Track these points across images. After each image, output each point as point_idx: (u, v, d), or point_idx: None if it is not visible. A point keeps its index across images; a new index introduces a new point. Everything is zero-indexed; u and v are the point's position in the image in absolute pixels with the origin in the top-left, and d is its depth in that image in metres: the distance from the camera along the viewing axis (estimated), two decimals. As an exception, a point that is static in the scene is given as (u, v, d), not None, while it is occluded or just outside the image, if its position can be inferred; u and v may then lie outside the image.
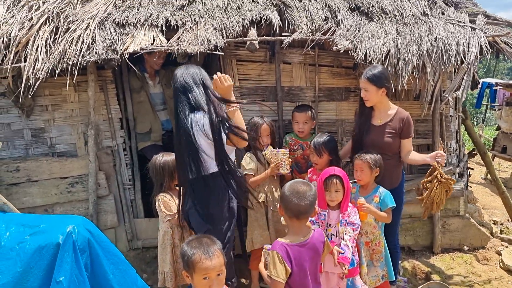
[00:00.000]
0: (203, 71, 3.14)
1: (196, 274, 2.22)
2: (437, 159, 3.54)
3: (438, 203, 3.65)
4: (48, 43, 3.88)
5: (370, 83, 3.55)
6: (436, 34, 4.06)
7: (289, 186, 2.68)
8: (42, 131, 4.29)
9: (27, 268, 2.58)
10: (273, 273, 2.55)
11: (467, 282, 4.24)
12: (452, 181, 3.59)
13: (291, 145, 4.24)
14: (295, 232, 2.67)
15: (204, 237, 2.35)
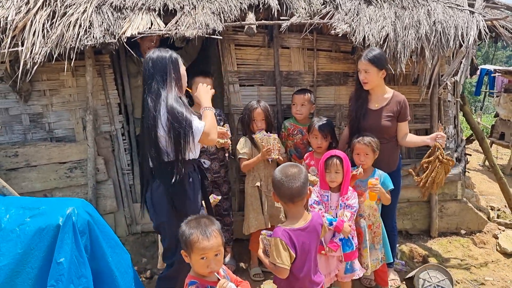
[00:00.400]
0: (174, 58, 3.02)
1: (194, 254, 2.24)
2: (437, 140, 3.55)
3: (439, 183, 3.67)
4: (45, 27, 3.85)
5: (371, 65, 3.54)
6: (435, 17, 4.05)
7: (279, 171, 2.68)
8: (40, 116, 4.28)
9: (27, 250, 2.62)
10: (277, 260, 2.54)
11: (464, 265, 4.28)
12: (452, 161, 3.62)
13: (289, 130, 4.24)
14: (294, 217, 2.67)
15: (203, 217, 2.38)
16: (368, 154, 3.51)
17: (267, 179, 3.98)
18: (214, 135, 2.97)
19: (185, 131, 2.81)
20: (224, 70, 4.42)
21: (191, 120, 2.84)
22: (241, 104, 4.45)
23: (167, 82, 2.92)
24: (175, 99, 2.88)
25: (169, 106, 2.84)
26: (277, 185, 2.65)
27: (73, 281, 2.59)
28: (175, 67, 2.99)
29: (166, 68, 2.94)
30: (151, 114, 2.85)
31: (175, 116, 2.81)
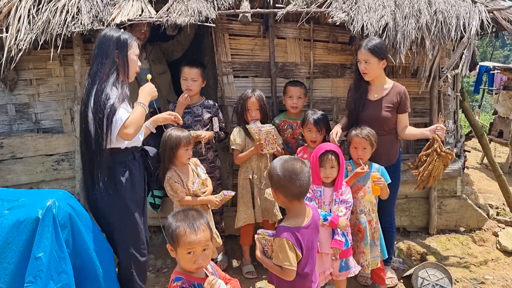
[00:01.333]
0: (123, 39, 2.85)
1: (180, 248, 2.09)
2: (436, 132, 3.43)
3: (435, 177, 3.55)
4: (31, 13, 3.73)
5: (372, 55, 3.41)
6: (436, 6, 3.91)
7: (281, 167, 2.38)
8: (26, 107, 4.16)
9: (4, 244, 2.49)
10: (285, 262, 2.35)
11: (463, 263, 4.15)
12: (451, 155, 3.49)
13: (279, 126, 4.11)
14: (298, 214, 2.46)
15: (191, 209, 2.22)
16: (366, 148, 3.39)
17: (260, 172, 3.86)
18: (131, 130, 2.72)
19: (107, 118, 2.67)
20: (218, 60, 4.27)
21: (116, 108, 2.68)
22: (235, 95, 4.31)
23: (105, 65, 2.77)
24: (111, 84, 2.74)
25: (99, 90, 2.71)
26: (285, 183, 2.36)
27: (53, 277, 2.45)
28: (121, 49, 2.83)
29: (109, 50, 2.79)
30: (84, 97, 2.77)
31: (100, 100, 2.68)
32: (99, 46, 2.82)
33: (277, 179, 2.39)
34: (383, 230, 3.65)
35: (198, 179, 3.50)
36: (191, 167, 3.53)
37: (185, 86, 3.81)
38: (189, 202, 3.39)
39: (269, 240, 2.46)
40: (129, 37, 2.90)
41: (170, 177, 3.38)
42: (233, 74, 4.31)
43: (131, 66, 2.92)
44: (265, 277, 3.93)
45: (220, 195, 3.45)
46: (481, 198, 6.05)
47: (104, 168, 2.78)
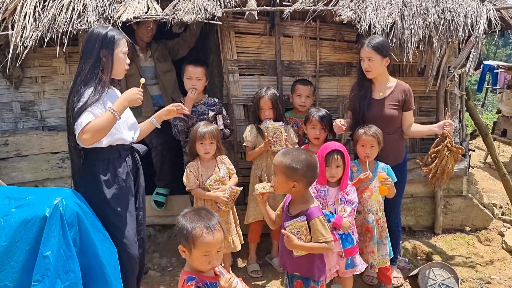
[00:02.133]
0: (110, 36, 2.77)
1: (196, 249, 2.03)
2: (445, 128, 3.42)
3: (449, 173, 3.53)
4: (37, 10, 3.71)
5: (375, 52, 3.40)
6: (444, 5, 3.89)
7: (305, 160, 2.50)
8: (31, 104, 4.15)
9: (12, 242, 2.47)
10: (328, 237, 2.54)
11: (469, 263, 4.14)
12: (461, 149, 3.48)
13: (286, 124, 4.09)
14: (309, 198, 2.65)
15: (201, 209, 2.20)
16: (373, 146, 3.38)
17: (269, 169, 3.84)
18: (87, 136, 2.61)
19: (72, 120, 2.66)
20: (224, 58, 4.25)
21: (82, 111, 2.62)
22: (240, 94, 4.30)
23: (88, 63, 2.73)
24: (89, 84, 2.70)
25: (74, 90, 2.70)
26: (310, 174, 2.54)
27: (60, 276, 2.43)
28: (106, 47, 2.75)
29: (94, 48, 2.73)
30: (68, 95, 2.78)
31: (72, 101, 2.68)
32: (85, 43, 2.78)
33: (303, 172, 2.49)
34: (389, 229, 3.63)
35: (214, 175, 3.54)
36: (216, 163, 3.61)
37: (189, 85, 3.79)
38: (197, 193, 3.54)
39: (302, 226, 2.51)
40: (117, 34, 2.82)
41: (189, 166, 3.57)
42: (239, 72, 4.29)
43: (117, 65, 2.84)
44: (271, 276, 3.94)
45: (227, 191, 3.46)
46: (485, 197, 6.03)
47: (76, 166, 2.84)
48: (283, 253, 2.71)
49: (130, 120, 3.08)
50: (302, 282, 2.68)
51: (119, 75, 2.94)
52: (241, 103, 4.32)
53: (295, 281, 2.70)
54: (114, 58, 2.80)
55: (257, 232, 4.02)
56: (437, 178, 3.57)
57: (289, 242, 2.51)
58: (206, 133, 3.46)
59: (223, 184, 3.58)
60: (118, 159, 2.89)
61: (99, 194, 2.80)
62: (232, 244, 3.64)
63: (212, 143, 3.53)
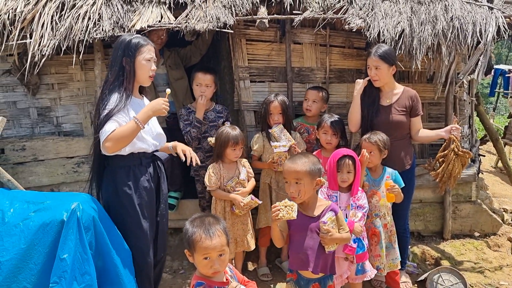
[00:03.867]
0: (133, 43, 2.80)
1: (196, 253, 2.15)
2: (452, 133, 3.46)
3: (456, 177, 3.55)
4: (54, 19, 3.81)
5: (382, 61, 3.47)
6: (452, 13, 3.93)
7: (315, 159, 2.76)
8: (48, 110, 4.25)
9: (31, 245, 2.57)
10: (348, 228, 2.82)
11: (477, 268, 4.16)
12: (468, 154, 3.50)
13: (296, 129, 4.17)
14: (319, 198, 2.89)
15: (208, 216, 2.29)
16: (373, 152, 3.42)
17: (278, 176, 3.91)
18: (110, 144, 2.65)
19: (98, 127, 2.74)
20: (235, 65, 4.33)
21: (107, 119, 2.67)
22: (251, 100, 4.37)
23: (114, 71, 2.81)
24: (114, 92, 2.77)
25: (100, 98, 2.79)
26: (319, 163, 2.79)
27: (77, 278, 2.52)
28: (128, 54, 2.79)
29: (117, 55, 2.80)
30: (96, 103, 2.89)
31: (99, 109, 2.76)
32: (113, 52, 2.87)
33: (318, 168, 2.72)
34: (398, 234, 3.68)
35: (235, 178, 3.66)
36: (237, 166, 3.74)
37: (199, 92, 3.88)
38: (218, 194, 3.66)
39: (333, 220, 2.73)
40: (141, 41, 2.84)
41: (211, 167, 3.67)
42: (250, 79, 4.36)
43: (140, 72, 2.86)
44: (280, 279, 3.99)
45: (248, 198, 3.58)
46: (496, 202, 6.02)
47: (98, 171, 2.94)
48: (309, 256, 2.71)
49: (156, 129, 3.12)
50: (319, 284, 2.77)
51: (144, 82, 2.96)
52: (252, 109, 4.39)
53: (311, 285, 2.78)
54: (136, 65, 2.82)
55: (267, 237, 4.07)
56: (444, 182, 3.59)
57: (329, 237, 2.65)
58: (238, 139, 3.59)
59: (243, 186, 3.68)
60: (139, 167, 2.93)
61: (118, 200, 2.87)
62: (246, 244, 3.74)
63: (242, 148, 3.68)
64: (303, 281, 2.81)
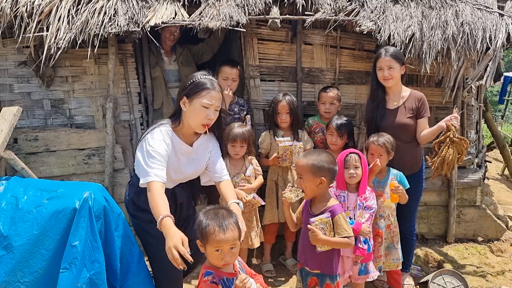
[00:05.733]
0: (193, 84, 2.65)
1: (209, 245, 2.20)
2: (451, 122, 3.46)
3: (449, 164, 3.51)
4: (71, 13, 3.87)
5: (395, 60, 3.52)
6: (463, 18, 3.97)
7: (318, 156, 2.72)
8: (61, 102, 4.31)
9: (43, 231, 2.64)
10: (350, 232, 2.73)
11: (480, 272, 4.19)
12: (465, 141, 3.46)
13: (312, 127, 4.23)
14: (329, 198, 2.84)
15: (222, 208, 2.34)
16: (382, 155, 3.45)
17: (285, 174, 3.97)
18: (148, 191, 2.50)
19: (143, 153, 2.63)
20: (246, 64, 4.40)
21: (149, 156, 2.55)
22: (261, 99, 4.43)
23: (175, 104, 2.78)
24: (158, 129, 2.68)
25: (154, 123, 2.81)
26: (334, 163, 2.76)
27: (86, 265, 2.59)
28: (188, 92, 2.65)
29: (182, 89, 2.71)
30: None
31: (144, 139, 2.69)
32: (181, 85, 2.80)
33: (327, 167, 2.70)
34: (403, 236, 3.73)
35: (241, 174, 3.72)
36: (244, 162, 3.80)
37: (225, 85, 3.88)
38: None
39: (327, 222, 2.69)
40: (207, 83, 2.63)
41: None
42: (260, 78, 4.43)
43: (192, 115, 2.65)
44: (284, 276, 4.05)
45: (250, 196, 3.61)
46: (501, 209, 6.02)
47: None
48: (305, 250, 2.84)
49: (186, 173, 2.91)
50: (317, 278, 2.81)
51: (196, 129, 2.72)
52: (261, 107, 4.45)
53: (310, 278, 2.83)
54: (191, 108, 2.64)
55: (272, 234, 4.15)
56: (437, 168, 3.56)
57: (314, 237, 2.66)
58: (237, 136, 3.64)
59: (248, 182, 3.74)
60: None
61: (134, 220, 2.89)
62: (250, 241, 3.79)
63: (243, 146, 3.71)
64: (304, 272, 2.89)
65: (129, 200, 2.87)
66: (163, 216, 2.36)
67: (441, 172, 3.66)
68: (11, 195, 2.79)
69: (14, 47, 4.05)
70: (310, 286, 2.86)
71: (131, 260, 2.93)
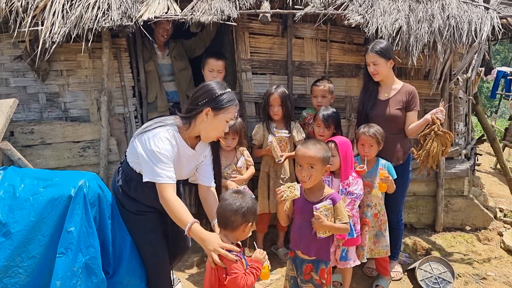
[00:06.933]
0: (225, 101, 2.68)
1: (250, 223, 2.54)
2: (437, 115, 3.54)
3: (434, 157, 3.59)
4: (65, 8, 3.95)
5: (379, 57, 3.60)
6: (449, 12, 4.06)
7: (319, 145, 2.83)
8: (56, 96, 4.39)
9: (40, 218, 2.72)
10: (347, 218, 2.86)
11: (466, 260, 4.30)
12: (449, 135, 3.54)
13: (306, 119, 4.32)
14: (324, 185, 2.96)
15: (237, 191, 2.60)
16: (372, 146, 3.53)
17: (277, 166, 4.06)
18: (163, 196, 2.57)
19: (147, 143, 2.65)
20: (237, 57, 4.48)
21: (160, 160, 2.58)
22: (253, 91, 4.52)
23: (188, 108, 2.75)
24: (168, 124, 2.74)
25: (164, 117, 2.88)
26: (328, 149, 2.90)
27: (82, 250, 2.67)
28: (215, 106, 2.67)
29: (203, 99, 2.69)
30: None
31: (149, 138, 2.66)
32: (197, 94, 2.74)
33: (328, 155, 2.84)
34: (391, 226, 3.82)
35: (232, 165, 3.81)
36: (235, 154, 3.89)
37: (211, 77, 3.96)
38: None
39: (329, 209, 2.81)
40: (235, 99, 2.75)
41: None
42: (252, 71, 4.52)
43: (213, 127, 2.73)
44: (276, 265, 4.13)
45: (241, 187, 3.67)
46: (492, 202, 6.14)
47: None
48: (303, 239, 2.90)
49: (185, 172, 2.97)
50: (312, 265, 2.92)
51: (208, 138, 2.84)
52: (253, 100, 4.54)
53: (305, 265, 2.93)
54: (214, 120, 2.70)
55: (264, 223, 4.24)
56: (423, 161, 3.64)
57: (319, 224, 2.77)
58: (229, 129, 3.65)
59: (240, 174, 3.82)
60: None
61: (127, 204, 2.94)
62: None
63: (235, 138, 3.80)
64: (298, 260, 2.98)
65: (118, 188, 2.93)
66: (191, 224, 2.47)
67: (427, 165, 3.75)
68: (8, 184, 2.87)
69: (10, 42, 4.13)
70: (305, 273, 2.95)
71: (123, 247, 3.00)
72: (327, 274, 2.94)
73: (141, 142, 2.66)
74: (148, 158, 2.59)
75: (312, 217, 2.80)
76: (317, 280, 2.92)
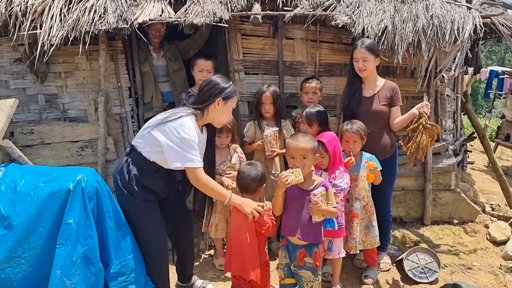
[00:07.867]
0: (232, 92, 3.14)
1: None
2: (422, 109, 3.66)
3: (424, 149, 3.73)
4: (63, 12, 4.08)
5: (369, 52, 3.75)
6: (432, 12, 4.21)
7: (306, 136, 3.09)
8: (55, 97, 4.52)
9: (40, 211, 2.85)
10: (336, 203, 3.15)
11: (453, 251, 4.44)
12: (436, 126, 3.67)
13: (295, 118, 4.45)
14: (313, 174, 3.19)
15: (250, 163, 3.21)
16: (356, 142, 3.67)
17: (268, 162, 4.20)
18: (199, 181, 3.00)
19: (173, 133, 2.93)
20: (230, 58, 4.62)
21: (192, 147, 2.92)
22: (245, 91, 4.66)
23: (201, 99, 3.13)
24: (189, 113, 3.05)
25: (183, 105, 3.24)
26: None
27: (80, 241, 2.81)
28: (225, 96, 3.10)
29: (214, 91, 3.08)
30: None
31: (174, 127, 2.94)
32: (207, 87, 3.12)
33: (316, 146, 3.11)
34: (380, 218, 3.95)
35: (226, 162, 3.95)
36: (229, 151, 4.04)
37: (200, 76, 4.13)
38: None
39: (323, 194, 3.04)
40: (237, 90, 3.23)
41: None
42: (244, 71, 4.65)
43: (223, 114, 3.16)
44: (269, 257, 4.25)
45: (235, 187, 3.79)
46: (483, 198, 6.28)
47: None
48: (299, 225, 3.07)
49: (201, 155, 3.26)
50: (305, 250, 3.08)
51: (217, 123, 3.25)
52: (246, 99, 4.68)
53: (298, 251, 3.09)
54: (225, 108, 3.14)
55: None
56: (412, 154, 3.77)
57: (316, 208, 2.98)
58: (223, 127, 3.79)
59: (234, 170, 3.93)
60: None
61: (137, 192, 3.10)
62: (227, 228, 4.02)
63: (228, 136, 3.94)
64: (291, 246, 3.14)
65: (131, 178, 3.06)
66: (230, 195, 3.04)
67: (417, 157, 3.90)
68: (10, 180, 3.00)
69: (9, 45, 4.28)
70: (299, 258, 3.12)
71: (122, 239, 3.13)
72: (320, 256, 3.17)
73: (165, 132, 2.92)
74: (177, 146, 2.88)
75: (307, 203, 3.01)
76: (312, 263, 3.09)
